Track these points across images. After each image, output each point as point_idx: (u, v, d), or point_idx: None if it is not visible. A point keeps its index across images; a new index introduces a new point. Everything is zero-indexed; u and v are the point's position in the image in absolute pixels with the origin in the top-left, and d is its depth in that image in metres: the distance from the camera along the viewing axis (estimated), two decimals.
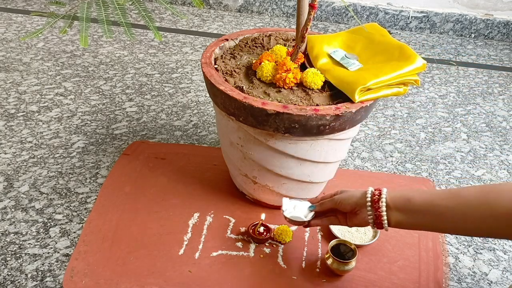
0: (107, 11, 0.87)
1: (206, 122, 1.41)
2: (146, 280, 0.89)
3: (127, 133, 1.33)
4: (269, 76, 0.91)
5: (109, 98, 1.50)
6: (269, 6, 2.27)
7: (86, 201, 1.08)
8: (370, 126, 1.45)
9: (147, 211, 1.05)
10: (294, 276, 0.91)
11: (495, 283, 0.95)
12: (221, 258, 0.94)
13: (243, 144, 0.95)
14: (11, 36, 1.89)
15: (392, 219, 0.75)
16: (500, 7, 2.13)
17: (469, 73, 1.84)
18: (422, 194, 0.74)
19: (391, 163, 1.28)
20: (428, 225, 0.73)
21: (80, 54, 1.78)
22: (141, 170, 1.17)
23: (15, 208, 1.06)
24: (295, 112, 0.82)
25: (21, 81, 1.56)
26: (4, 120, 1.36)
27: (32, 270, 0.91)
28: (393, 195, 0.76)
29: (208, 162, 1.21)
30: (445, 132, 1.44)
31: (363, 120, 0.94)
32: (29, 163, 1.19)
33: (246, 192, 1.08)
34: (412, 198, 0.74)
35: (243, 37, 1.09)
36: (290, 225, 0.97)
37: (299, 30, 0.93)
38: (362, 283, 0.91)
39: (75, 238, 0.98)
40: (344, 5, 2.20)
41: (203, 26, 2.12)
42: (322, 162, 0.96)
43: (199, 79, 1.65)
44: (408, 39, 2.13)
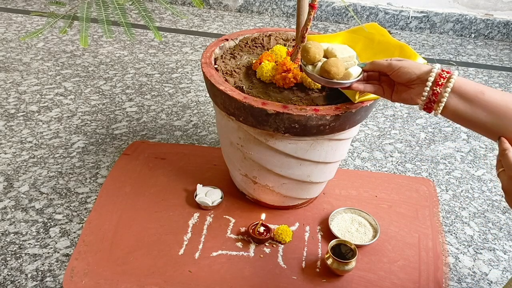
0: (107, 11, 0.87)
1: (206, 122, 1.41)
2: (146, 280, 0.89)
3: (127, 133, 1.33)
4: (269, 76, 0.91)
5: (109, 98, 1.50)
6: (269, 6, 2.27)
7: (86, 201, 1.08)
8: (370, 126, 1.45)
9: (147, 211, 1.05)
10: (294, 276, 0.91)
11: (495, 283, 0.95)
12: (221, 258, 0.94)
13: (243, 144, 0.95)
14: (11, 36, 1.89)
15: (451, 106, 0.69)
16: (500, 7, 2.13)
17: (469, 73, 1.84)
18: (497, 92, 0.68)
19: (391, 163, 1.28)
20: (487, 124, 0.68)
21: (80, 54, 1.78)
22: (141, 170, 1.17)
23: (15, 208, 1.06)
24: (295, 112, 0.82)
25: (21, 81, 1.56)
26: (4, 120, 1.36)
27: (32, 270, 0.91)
28: (465, 82, 0.69)
29: (208, 162, 1.21)
30: (445, 132, 1.44)
31: (363, 120, 0.94)
32: (29, 163, 1.19)
33: (246, 192, 1.08)
34: (486, 92, 0.67)
35: (243, 37, 1.09)
36: None
37: (299, 30, 0.93)
38: (362, 283, 0.91)
39: (75, 238, 0.98)
40: (344, 5, 2.19)
41: (203, 26, 2.12)
42: (322, 162, 0.96)
43: (199, 79, 1.65)
44: (408, 39, 2.13)
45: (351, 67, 0.76)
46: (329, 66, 0.74)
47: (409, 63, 0.73)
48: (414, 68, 0.72)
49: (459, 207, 1.14)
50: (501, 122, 0.67)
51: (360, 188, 1.16)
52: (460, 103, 0.69)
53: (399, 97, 0.75)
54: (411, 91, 0.73)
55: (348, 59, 0.77)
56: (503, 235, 1.07)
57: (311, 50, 0.76)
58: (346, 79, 0.75)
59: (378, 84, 0.78)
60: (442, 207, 1.14)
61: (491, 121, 0.67)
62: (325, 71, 0.74)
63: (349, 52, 0.77)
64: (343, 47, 0.78)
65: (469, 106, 0.68)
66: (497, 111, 0.67)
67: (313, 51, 0.76)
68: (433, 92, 0.70)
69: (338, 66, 0.74)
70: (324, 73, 0.75)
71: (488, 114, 0.67)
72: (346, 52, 0.77)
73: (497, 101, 0.67)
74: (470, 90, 0.68)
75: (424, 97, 0.71)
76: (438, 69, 0.70)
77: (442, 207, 1.14)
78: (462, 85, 0.69)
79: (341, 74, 0.74)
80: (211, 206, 1.05)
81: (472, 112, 0.68)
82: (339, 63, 0.74)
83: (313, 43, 0.77)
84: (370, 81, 0.78)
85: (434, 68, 0.70)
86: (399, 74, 0.73)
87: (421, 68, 0.71)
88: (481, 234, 1.07)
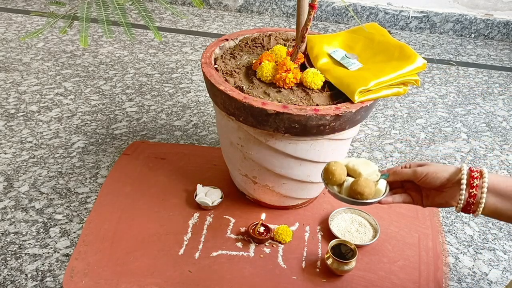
0: (107, 11, 0.87)
1: (206, 122, 1.41)
2: (146, 280, 0.89)
3: (127, 133, 1.33)
4: (269, 76, 0.91)
5: (109, 98, 1.50)
6: (269, 6, 2.27)
7: (86, 201, 1.08)
8: (370, 126, 1.45)
9: (147, 211, 1.05)
10: (294, 276, 0.91)
11: (495, 283, 0.95)
12: (221, 258, 0.94)
13: (243, 144, 0.94)
14: (11, 36, 1.89)
15: (490, 205, 0.67)
16: (500, 7, 2.13)
17: (469, 73, 1.84)
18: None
19: (391, 163, 1.28)
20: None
21: (80, 54, 1.78)
22: (141, 170, 1.17)
23: (15, 208, 1.05)
24: (295, 112, 0.82)
25: (21, 81, 1.56)
26: (4, 120, 1.36)
27: (32, 270, 0.91)
28: (498, 179, 0.67)
29: (208, 162, 1.21)
30: (445, 132, 1.44)
31: (363, 120, 0.94)
32: (29, 163, 1.19)
33: (246, 192, 1.08)
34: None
35: (243, 37, 1.09)
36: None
37: (299, 30, 0.93)
38: (362, 283, 0.91)
39: (75, 238, 0.98)
40: (344, 5, 2.20)
41: (203, 26, 2.12)
42: (322, 162, 0.96)
43: (199, 79, 1.65)
44: (408, 39, 2.13)
45: (379, 183, 0.74)
46: (362, 188, 0.71)
47: (434, 168, 0.71)
48: (442, 172, 0.70)
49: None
50: None
51: None
52: (498, 201, 0.67)
53: (432, 202, 0.72)
54: (444, 194, 0.70)
55: (372, 174, 0.75)
56: (503, 235, 1.07)
57: (336, 172, 0.73)
58: (376, 197, 0.73)
59: (403, 191, 0.75)
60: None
61: None
62: (358, 193, 0.71)
63: (371, 167, 0.75)
64: (364, 162, 0.76)
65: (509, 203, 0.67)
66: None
67: (338, 172, 0.73)
68: (470, 194, 0.68)
69: (371, 186, 0.72)
70: (356, 195, 0.72)
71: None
72: (369, 168, 0.75)
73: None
74: (505, 187, 0.67)
75: (462, 200, 0.68)
76: (469, 168, 0.68)
77: None
78: (496, 183, 0.67)
79: (373, 194, 0.72)
80: (211, 206, 1.05)
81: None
82: (370, 183, 0.72)
83: (336, 164, 0.75)
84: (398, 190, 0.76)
85: (463, 169, 0.68)
86: (427, 181, 0.70)
87: (449, 170, 0.69)
88: (481, 234, 1.07)
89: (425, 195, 0.73)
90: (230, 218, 1.04)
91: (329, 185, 0.75)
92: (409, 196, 0.74)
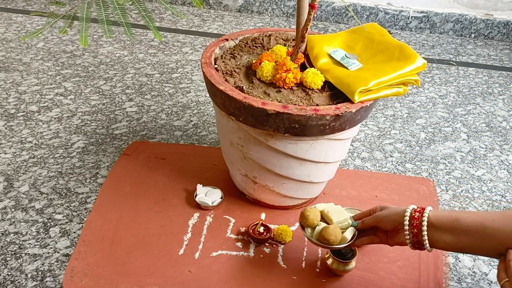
0: (107, 11, 0.87)
1: (206, 122, 1.41)
2: (146, 280, 0.89)
3: (127, 133, 1.33)
4: (269, 76, 0.91)
5: (109, 98, 1.50)
6: (269, 6, 2.27)
7: (86, 201, 1.08)
8: (370, 126, 1.45)
9: (147, 211, 1.05)
10: (294, 276, 0.91)
11: (495, 283, 0.95)
12: (221, 258, 0.94)
13: (243, 144, 0.95)
14: (11, 36, 1.89)
15: (436, 240, 0.73)
16: (500, 7, 2.13)
17: (469, 73, 1.84)
18: (470, 214, 0.72)
19: (391, 163, 1.28)
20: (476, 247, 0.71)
21: (80, 54, 1.78)
22: (141, 170, 1.17)
23: (15, 208, 1.06)
24: (295, 112, 0.82)
25: (21, 81, 1.56)
26: (4, 120, 1.36)
27: (32, 270, 0.91)
28: (439, 214, 0.74)
29: (208, 162, 1.21)
30: (445, 132, 1.44)
31: (363, 120, 0.94)
32: (29, 163, 1.19)
33: (246, 192, 1.08)
34: (461, 219, 0.72)
35: (243, 37, 1.09)
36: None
37: (299, 30, 0.93)
38: (362, 283, 0.91)
39: (75, 238, 0.98)
40: (344, 5, 2.20)
41: (203, 26, 2.12)
42: (322, 162, 0.96)
43: (199, 79, 1.65)
44: (408, 39, 2.13)
45: (346, 231, 0.84)
46: (328, 235, 0.81)
47: (389, 211, 0.79)
48: (393, 215, 0.78)
49: (459, 207, 1.14)
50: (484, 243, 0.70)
51: (360, 188, 1.16)
52: (443, 236, 0.73)
53: (394, 241, 0.80)
54: (400, 235, 0.77)
55: (343, 221, 0.85)
56: None
57: (309, 218, 0.84)
58: (341, 244, 0.83)
59: (373, 234, 0.83)
60: (442, 207, 1.14)
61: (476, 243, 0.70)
62: (324, 239, 0.82)
63: (343, 215, 0.85)
64: (338, 210, 0.87)
65: (452, 236, 0.72)
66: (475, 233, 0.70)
67: (311, 218, 0.84)
68: (412, 233, 0.74)
69: (336, 234, 0.82)
70: (323, 240, 0.82)
71: (471, 238, 0.70)
72: (341, 216, 0.85)
73: (472, 223, 0.71)
74: (445, 221, 0.73)
75: (408, 239, 0.75)
76: (412, 209, 0.75)
77: (442, 207, 1.14)
78: (435, 219, 0.73)
79: (338, 241, 0.82)
80: (211, 206, 1.05)
81: (458, 241, 0.72)
82: (336, 231, 0.82)
83: (311, 210, 0.86)
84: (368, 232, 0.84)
85: (407, 210, 0.76)
86: (383, 224, 0.79)
87: (398, 213, 0.77)
88: None
89: (389, 235, 0.80)
90: (230, 218, 1.04)
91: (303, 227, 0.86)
92: (377, 237, 0.82)
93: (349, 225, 0.85)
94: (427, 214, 0.74)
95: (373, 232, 0.83)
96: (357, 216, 0.87)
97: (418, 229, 0.74)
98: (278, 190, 1.01)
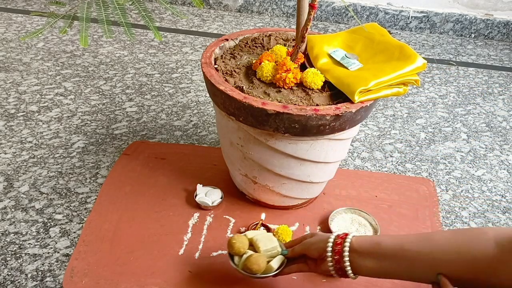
0: (107, 11, 0.86)
1: (206, 122, 1.41)
2: (146, 280, 0.89)
3: (127, 133, 1.33)
4: (269, 76, 0.91)
5: (109, 98, 1.50)
6: (269, 6, 2.27)
7: (86, 201, 1.08)
8: (370, 126, 1.45)
9: (147, 211, 1.05)
10: (294, 276, 0.91)
11: None
12: (221, 258, 0.94)
13: (243, 144, 0.95)
14: (11, 36, 1.89)
15: (360, 265, 0.72)
16: (500, 7, 2.13)
17: (469, 73, 1.84)
18: (391, 238, 0.71)
19: (391, 163, 1.28)
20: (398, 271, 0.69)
21: (80, 54, 1.78)
22: (141, 170, 1.17)
23: (15, 208, 1.06)
24: (295, 112, 0.82)
25: (21, 81, 1.56)
26: (4, 120, 1.36)
27: (32, 270, 0.91)
28: (361, 240, 0.73)
29: (208, 162, 1.21)
30: (445, 132, 1.44)
31: (363, 120, 0.94)
32: (29, 163, 1.19)
33: (246, 192, 1.08)
34: (382, 242, 0.70)
35: (243, 37, 1.09)
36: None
37: (299, 30, 0.93)
38: (362, 283, 0.91)
39: (75, 238, 0.98)
40: (344, 5, 2.20)
41: (203, 26, 2.12)
42: (322, 162, 0.96)
43: (199, 79, 1.65)
44: (408, 39, 2.13)
45: (274, 259, 0.81)
46: (251, 264, 0.79)
47: (315, 239, 0.77)
48: (319, 242, 0.76)
49: (459, 207, 1.14)
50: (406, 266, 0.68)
51: (360, 188, 1.16)
52: (365, 261, 0.71)
53: (321, 269, 0.77)
54: (325, 262, 0.75)
55: (271, 250, 0.82)
56: None
57: (235, 246, 0.81)
58: (268, 272, 0.80)
59: (303, 262, 0.80)
60: (442, 207, 1.14)
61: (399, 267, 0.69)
62: (247, 268, 0.79)
63: (272, 243, 0.82)
64: (268, 237, 0.84)
65: (374, 260, 0.70)
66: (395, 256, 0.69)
67: (237, 246, 0.82)
68: (335, 260, 0.73)
69: (259, 263, 0.79)
70: (246, 269, 0.79)
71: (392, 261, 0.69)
72: (270, 244, 0.82)
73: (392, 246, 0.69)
74: (367, 246, 0.71)
75: (331, 266, 0.73)
76: (335, 236, 0.74)
77: (442, 207, 1.14)
78: (357, 244, 0.72)
79: (262, 270, 0.79)
80: (211, 206, 1.05)
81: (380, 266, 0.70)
82: (260, 259, 0.79)
83: (237, 237, 0.83)
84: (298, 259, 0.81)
85: (331, 237, 0.74)
86: (311, 252, 0.77)
87: (323, 240, 0.75)
88: None
89: (317, 263, 0.78)
90: (230, 218, 1.04)
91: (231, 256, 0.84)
92: (306, 265, 0.79)
93: (279, 253, 0.82)
94: (349, 239, 0.73)
95: (303, 260, 0.81)
96: (289, 243, 0.84)
97: (340, 255, 0.72)
98: (278, 190, 1.01)
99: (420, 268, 0.67)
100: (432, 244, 0.66)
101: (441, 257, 0.65)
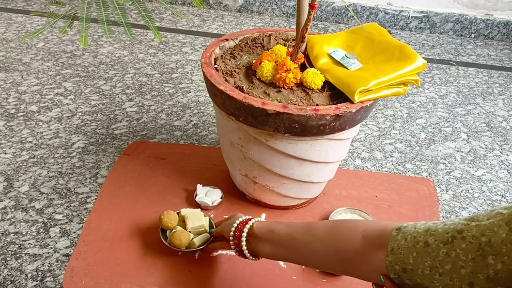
0: (107, 11, 0.86)
1: (206, 122, 1.41)
2: (146, 280, 0.89)
3: (127, 133, 1.33)
4: (269, 76, 0.91)
5: (109, 98, 1.50)
6: (269, 6, 2.27)
7: (86, 201, 1.08)
8: (370, 126, 1.45)
9: (147, 211, 1.05)
10: (294, 276, 0.91)
11: None
12: (221, 258, 0.94)
13: (243, 144, 0.95)
14: (11, 36, 1.89)
15: (259, 250, 0.76)
16: (500, 7, 2.13)
17: (469, 73, 1.84)
18: (284, 226, 0.74)
19: (391, 163, 1.28)
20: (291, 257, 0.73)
21: (80, 54, 1.78)
22: (141, 170, 1.17)
23: (15, 208, 1.06)
24: (295, 112, 0.82)
25: (21, 81, 1.56)
26: (4, 120, 1.36)
27: (32, 270, 0.91)
28: (261, 225, 0.76)
29: (208, 162, 1.21)
30: (445, 132, 1.44)
31: (363, 120, 0.94)
32: (29, 163, 1.19)
33: (246, 192, 1.08)
34: (275, 229, 0.74)
35: (243, 37, 1.09)
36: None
37: (299, 30, 0.93)
38: (362, 283, 0.91)
39: (75, 238, 0.98)
40: (344, 5, 2.20)
41: (203, 26, 2.12)
42: (322, 162, 0.96)
43: (199, 79, 1.65)
44: (408, 39, 2.13)
45: (198, 237, 0.91)
46: (173, 239, 0.89)
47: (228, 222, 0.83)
48: (228, 225, 0.81)
49: (459, 207, 1.14)
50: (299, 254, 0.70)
51: (360, 188, 1.16)
52: (262, 246, 0.75)
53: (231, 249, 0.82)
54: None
55: (198, 228, 0.91)
56: None
57: (163, 221, 0.91)
58: (191, 248, 0.90)
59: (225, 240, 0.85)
60: (442, 207, 1.14)
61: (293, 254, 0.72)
62: (171, 242, 0.90)
63: (200, 222, 0.92)
64: (197, 216, 0.93)
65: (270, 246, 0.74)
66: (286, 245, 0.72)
67: (165, 221, 0.91)
68: (235, 243, 0.79)
69: (181, 239, 0.88)
70: (170, 243, 0.90)
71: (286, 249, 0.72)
72: (197, 222, 0.92)
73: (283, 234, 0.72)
74: (263, 232, 0.75)
75: (234, 248, 0.80)
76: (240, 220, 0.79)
77: (442, 207, 1.14)
78: (257, 230, 0.76)
79: (184, 245, 0.89)
80: (211, 206, 1.05)
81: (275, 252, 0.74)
82: (183, 235, 0.89)
83: (167, 213, 0.92)
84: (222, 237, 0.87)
85: (235, 222, 0.79)
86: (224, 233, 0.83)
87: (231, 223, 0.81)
88: None
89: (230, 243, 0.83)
90: None
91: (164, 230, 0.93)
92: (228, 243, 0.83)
93: (206, 231, 0.92)
94: (249, 225, 0.77)
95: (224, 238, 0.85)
96: (217, 223, 0.93)
97: (238, 239, 0.78)
98: (278, 190, 1.00)
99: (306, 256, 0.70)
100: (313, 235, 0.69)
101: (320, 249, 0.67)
